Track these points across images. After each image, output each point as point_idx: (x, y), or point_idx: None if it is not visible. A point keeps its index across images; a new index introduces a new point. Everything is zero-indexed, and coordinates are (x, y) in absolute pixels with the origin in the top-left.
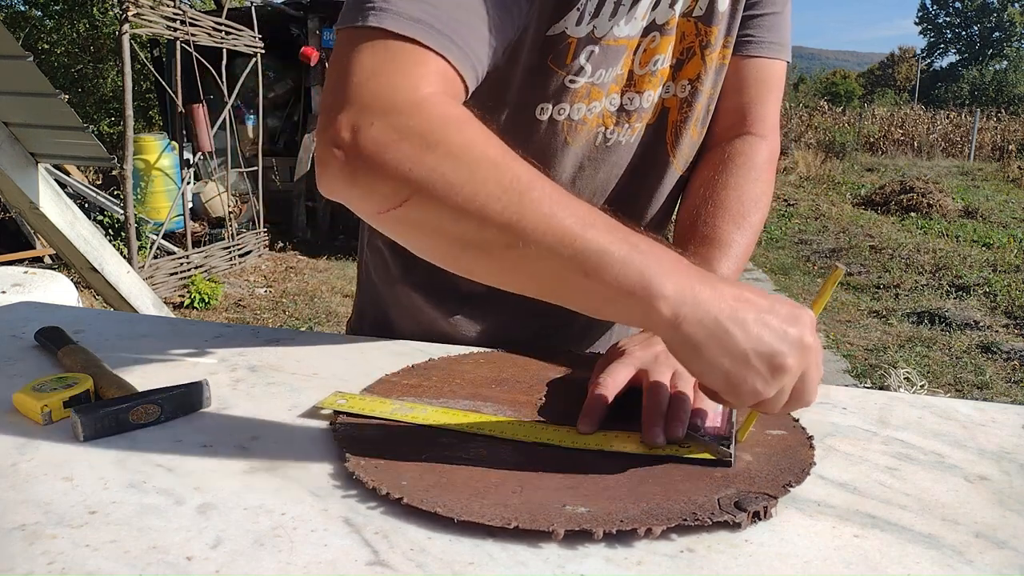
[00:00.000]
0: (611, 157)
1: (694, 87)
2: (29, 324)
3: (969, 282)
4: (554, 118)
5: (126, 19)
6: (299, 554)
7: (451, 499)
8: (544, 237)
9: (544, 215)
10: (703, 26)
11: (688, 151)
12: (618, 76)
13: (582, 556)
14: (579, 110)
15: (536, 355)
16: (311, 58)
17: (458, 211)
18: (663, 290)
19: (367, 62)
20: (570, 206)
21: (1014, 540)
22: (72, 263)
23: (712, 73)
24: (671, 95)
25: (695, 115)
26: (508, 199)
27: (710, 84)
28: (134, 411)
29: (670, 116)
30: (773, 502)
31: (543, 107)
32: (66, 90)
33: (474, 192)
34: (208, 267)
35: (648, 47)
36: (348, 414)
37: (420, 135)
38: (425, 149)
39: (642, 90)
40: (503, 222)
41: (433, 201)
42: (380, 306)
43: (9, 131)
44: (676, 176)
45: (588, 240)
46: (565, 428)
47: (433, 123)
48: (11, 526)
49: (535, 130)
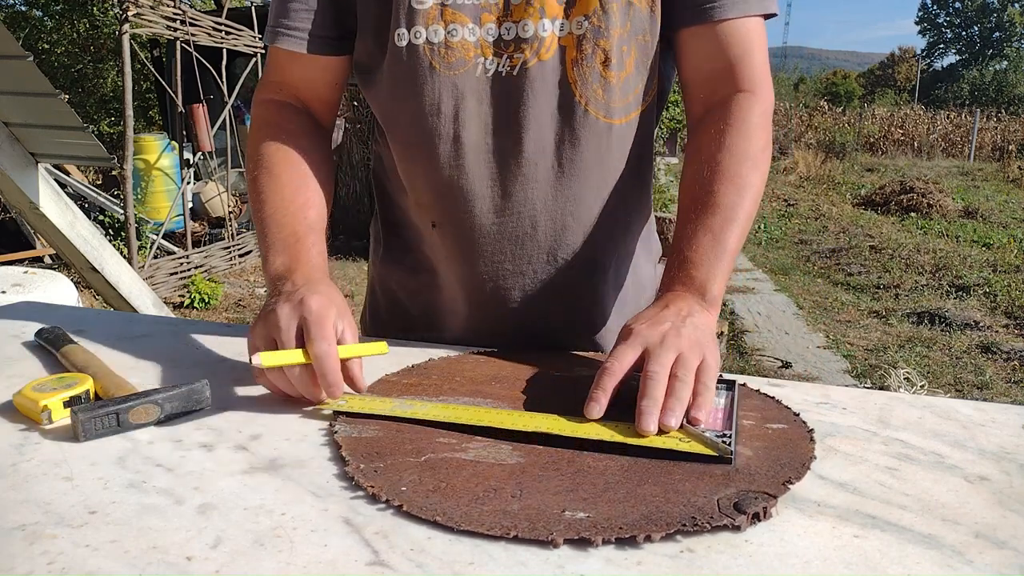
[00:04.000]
0: (501, 91)
1: (593, 24)
2: (29, 324)
3: (969, 282)
4: (412, 42)
5: (126, 19)
6: (299, 554)
7: (451, 505)
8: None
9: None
10: None
11: (605, 96)
12: (491, 4)
13: (582, 556)
14: (437, 32)
15: (536, 355)
16: None
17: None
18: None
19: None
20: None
21: (1014, 540)
22: (72, 263)
23: (618, 14)
24: (566, 33)
25: (600, 55)
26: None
27: (617, 24)
28: (134, 411)
29: (567, 53)
30: (773, 502)
31: (399, 32)
32: (66, 90)
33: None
34: (208, 267)
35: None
36: (348, 414)
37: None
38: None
39: (519, 19)
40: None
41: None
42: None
43: (9, 131)
44: (603, 126)
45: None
46: (565, 418)
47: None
48: (11, 526)
49: (399, 58)
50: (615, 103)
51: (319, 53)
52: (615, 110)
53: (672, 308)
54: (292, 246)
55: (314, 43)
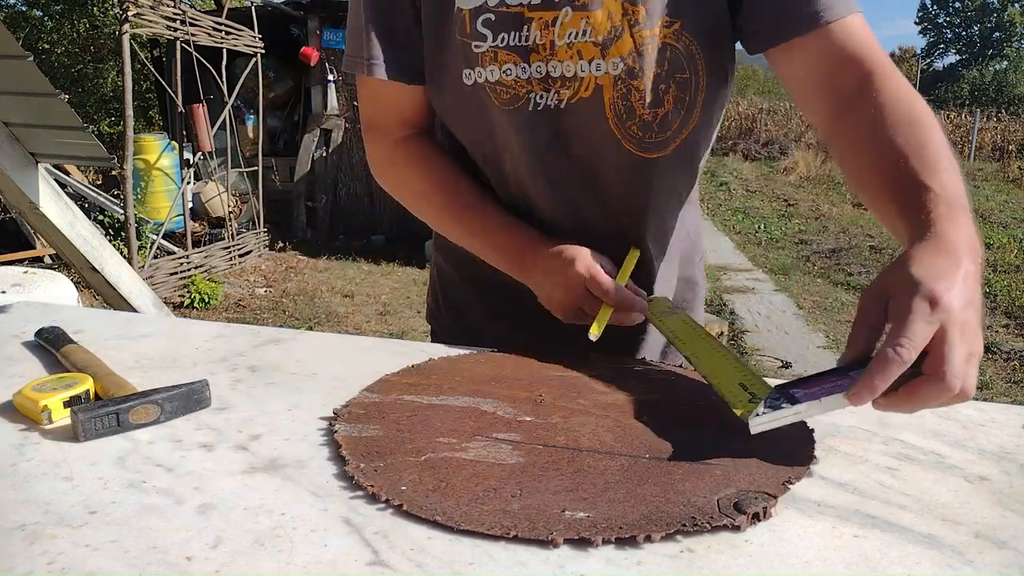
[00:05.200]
0: (549, 123)
1: (627, 65)
2: (29, 324)
3: None
4: (477, 81)
5: (126, 19)
6: (299, 554)
7: (451, 505)
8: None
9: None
10: (629, 5)
11: (640, 131)
12: (537, 44)
13: (582, 556)
14: (493, 72)
15: (536, 355)
16: (311, 58)
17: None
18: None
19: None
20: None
21: (1014, 540)
22: (72, 263)
23: (653, 52)
24: (603, 73)
25: (636, 94)
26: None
27: (652, 64)
28: (134, 411)
29: (605, 93)
30: (773, 502)
31: (467, 72)
32: (66, 90)
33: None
34: (208, 267)
35: (563, 20)
36: (348, 414)
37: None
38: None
39: (562, 60)
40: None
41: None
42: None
43: (9, 131)
44: (638, 160)
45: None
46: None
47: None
48: (11, 526)
49: (467, 93)
50: (651, 138)
51: (412, 82)
52: (651, 145)
53: (963, 268)
54: (509, 245)
55: (406, 72)
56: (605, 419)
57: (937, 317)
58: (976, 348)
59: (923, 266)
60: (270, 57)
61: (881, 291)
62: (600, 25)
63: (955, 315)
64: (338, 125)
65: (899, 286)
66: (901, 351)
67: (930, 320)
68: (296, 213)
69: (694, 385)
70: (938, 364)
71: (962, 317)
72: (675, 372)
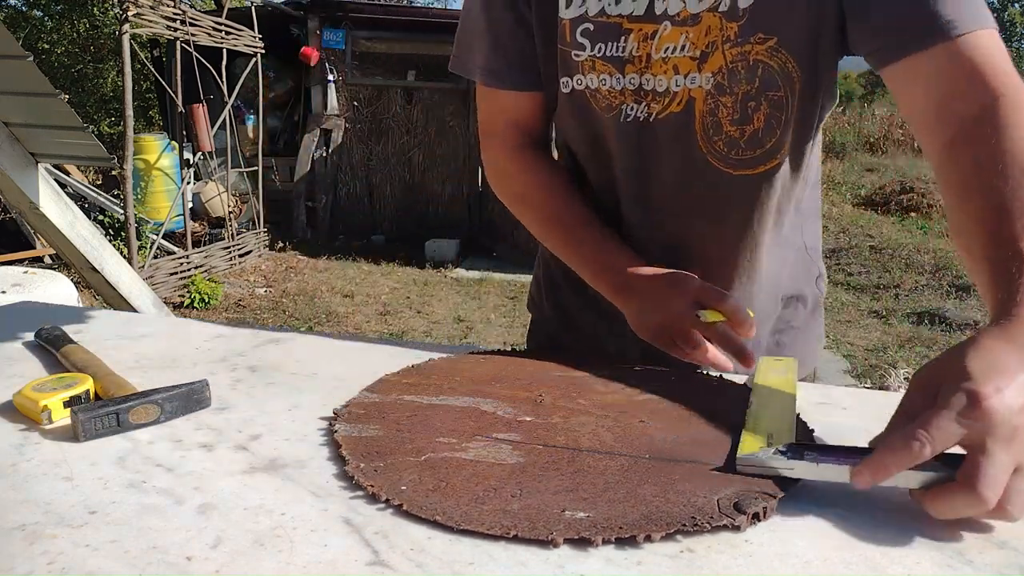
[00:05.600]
0: (639, 135)
1: (718, 81)
2: (29, 324)
3: (969, 282)
4: (575, 88)
5: (126, 19)
6: (299, 554)
7: (451, 505)
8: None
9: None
10: (725, 21)
11: (726, 148)
12: (634, 56)
13: (582, 556)
14: (592, 80)
15: (536, 355)
16: (311, 58)
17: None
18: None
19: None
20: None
21: (1014, 540)
22: (72, 263)
23: (744, 72)
24: (697, 86)
25: (724, 111)
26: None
27: (743, 82)
28: (134, 411)
29: (697, 106)
30: (773, 502)
31: (565, 81)
32: (66, 90)
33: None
34: (208, 267)
35: (662, 34)
36: (348, 414)
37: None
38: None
39: (656, 74)
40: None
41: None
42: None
43: (9, 131)
44: (725, 176)
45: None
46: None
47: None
48: (11, 526)
49: (566, 100)
50: (738, 155)
51: (536, 90)
52: (738, 162)
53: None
54: (605, 264)
55: (535, 81)
56: (605, 419)
57: (974, 419)
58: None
59: (982, 357)
60: (270, 57)
61: (931, 377)
62: (698, 40)
63: (999, 420)
64: (338, 125)
65: (949, 375)
66: (913, 442)
67: (963, 420)
68: (296, 213)
69: (694, 385)
70: (971, 472)
71: (1013, 422)
72: (675, 372)
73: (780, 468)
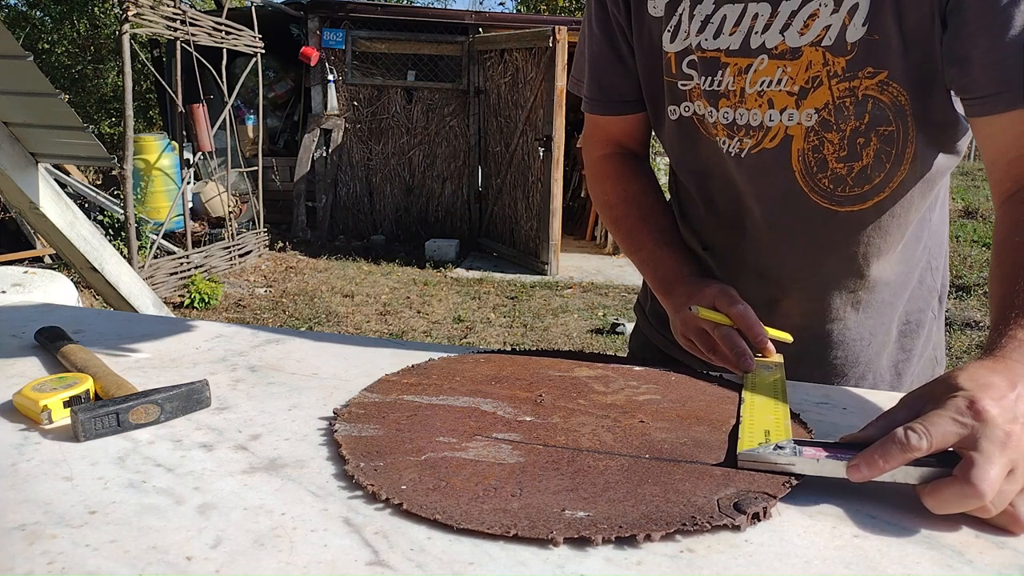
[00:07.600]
0: (732, 169)
1: (823, 117)
2: (29, 324)
3: (969, 282)
4: (682, 115)
5: (126, 19)
6: (299, 554)
7: (451, 504)
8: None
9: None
10: (831, 56)
11: (831, 185)
12: (729, 91)
13: (582, 556)
14: (700, 107)
15: (536, 355)
16: (311, 58)
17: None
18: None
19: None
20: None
21: (1014, 540)
22: (72, 263)
23: (853, 108)
24: (795, 123)
25: (829, 147)
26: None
27: (852, 117)
28: (134, 411)
29: (794, 144)
30: (773, 502)
31: (673, 109)
32: (66, 90)
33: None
34: (208, 267)
35: (758, 68)
36: (348, 414)
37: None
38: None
39: (751, 108)
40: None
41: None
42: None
43: (9, 131)
44: (828, 213)
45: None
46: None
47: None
48: (11, 526)
49: (674, 125)
50: (844, 192)
51: (628, 114)
52: (844, 199)
53: (1018, 390)
54: (662, 266)
55: (626, 107)
56: (605, 419)
57: (971, 421)
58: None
59: (972, 378)
60: (270, 57)
61: (919, 397)
62: (798, 75)
63: (994, 424)
64: (338, 125)
65: (940, 390)
66: (910, 435)
67: (959, 419)
68: (296, 213)
69: (694, 385)
70: (965, 467)
71: (1006, 428)
72: (675, 372)
73: (781, 463)
